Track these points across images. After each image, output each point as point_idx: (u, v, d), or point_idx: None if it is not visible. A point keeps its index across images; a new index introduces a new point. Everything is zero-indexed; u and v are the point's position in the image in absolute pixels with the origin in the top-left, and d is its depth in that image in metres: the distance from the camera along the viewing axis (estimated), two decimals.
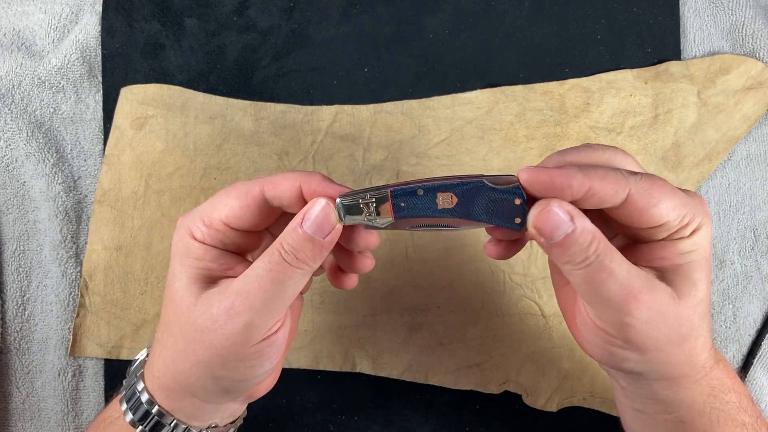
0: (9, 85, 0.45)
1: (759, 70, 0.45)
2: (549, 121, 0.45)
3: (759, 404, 0.44)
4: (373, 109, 0.45)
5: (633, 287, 0.29)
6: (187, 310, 0.31)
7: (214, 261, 0.31)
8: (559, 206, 0.28)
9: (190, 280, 0.31)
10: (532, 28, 0.46)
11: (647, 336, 0.30)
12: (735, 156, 0.46)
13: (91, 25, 0.46)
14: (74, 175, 0.46)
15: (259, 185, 0.31)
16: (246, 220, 0.31)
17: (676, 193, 0.30)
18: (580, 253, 0.29)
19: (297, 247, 0.30)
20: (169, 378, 0.32)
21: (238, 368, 0.31)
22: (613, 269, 0.29)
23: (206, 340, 0.30)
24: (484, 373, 0.44)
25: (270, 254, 0.30)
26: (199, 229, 0.31)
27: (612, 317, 0.30)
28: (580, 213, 0.29)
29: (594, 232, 0.29)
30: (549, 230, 0.28)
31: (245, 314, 0.30)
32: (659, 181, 0.30)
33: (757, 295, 0.45)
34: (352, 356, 0.45)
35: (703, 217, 0.30)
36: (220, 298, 0.30)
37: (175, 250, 0.32)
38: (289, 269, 0.30)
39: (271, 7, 0.46)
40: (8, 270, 0.45)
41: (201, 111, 0.45)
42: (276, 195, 0.31)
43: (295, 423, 0.45)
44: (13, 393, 0.45)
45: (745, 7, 0.46)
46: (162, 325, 0.33)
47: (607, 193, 0.29)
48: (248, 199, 0.31)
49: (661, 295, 0.29)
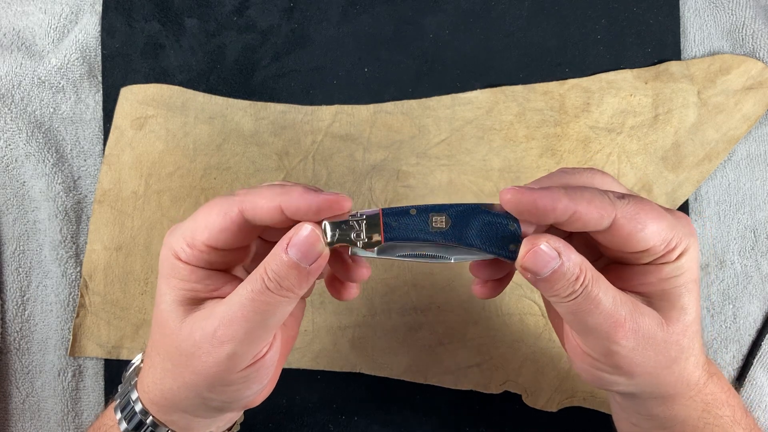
0: (9, 85, 0.45)
1: (759, 70, 0.45)
2: (549, 121, 0.45)
3: (759, 404, 0.44)
4: (373, 109, 0.45)
5: (619, 316, 0.28)
6: (171, 333, 0.30)
7: (199, 281, 0.30)
8: (546, 245, 0.28)
9: (175, 302, 0.30)
10: (532, 28, 0.46)
11: (634, 362, 0.29)
12: (735, 156, 0.46)
13: (91, 25, 0.46)
14: (74, 175, 0.46)
15: (237, 206, 0.29)
16: (228, 241, 0.30)
17: (662, 217, 0.29)
18: (567, 287, 0.28)
19: (281, 274, 0.28)
20: (158, 395, 0.31)
21: (225, 392, 0.30)
22: (599, 300, 0.28)
23: (191, 364, 0.29)
24: (484, 373, 0.44)
25: (253, 281, 0.28)
26: (183, 250, 0.30)
27: (598, 345, 0.29)
28: (567, 246, 0.28)
29: (581, 264, 0.28)
30: (536, 268, 0.28)
31: (228, 344, 0.28)
32: (646, 205, 0.29)
33: (757, 295, 0.45)
34: (352, 356, 0.45)
35: (689, 238, 0.30)
36: (203, 324, 0.29)
37: (161, 269, 0.31)
38: (273, 297, 0.28)
39: (271, 7, 0.46)
40: (8, 270, 0.45)
41: (201, 111, 0.45)
42: (256, 217, 0.29)
43: (295, 423, 0.45)
44: (13, 393, 0.45)
45: (745, 7, 0.46)
46: (151, 342, 0.32)
47: (592, 217, 0.28)
48: (227, 221, 0.29)
49: (647, 322, 0.29)
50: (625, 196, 0.29)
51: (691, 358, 0.31)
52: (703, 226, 0.46)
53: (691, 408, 0.32)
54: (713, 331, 0.45)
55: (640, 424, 0.34)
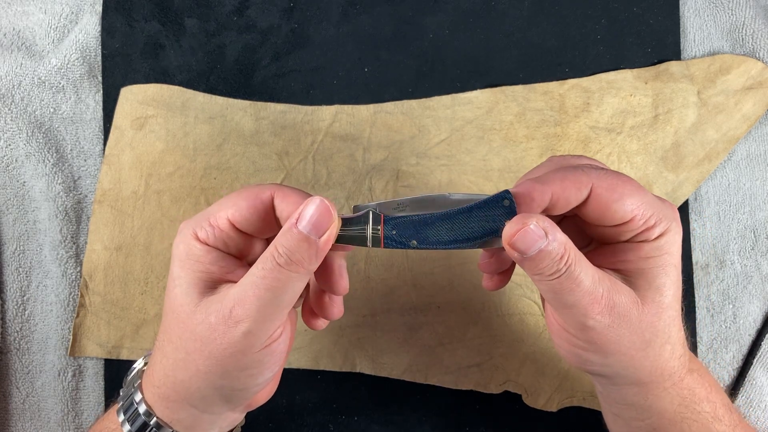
0: (9, 85, 0.45)
1: (759, 70, 0.45)
2: (549, 121, 0.45)
3: (759, 404, 0.44)
4: (373, 109, 0.45)
5: (597, 293, 0.29)
6: (186, 318, 0.30)
7: (214, 263, 0.31)
8: (535, 225, 0.29)
9: (189, 284, 0.30)
10: (532, 28, 0.46)
11: (608, 339, 0.30)
12: (735, 156, 0.46)
13: (91, 25, 0.46)
14: (74, 175, 0.46)
15: (270, 191, 0.31)
16: (251, 222, 0.31)
17: (642, 193, 0.30)
18: (552, 266, 0.29)
19: (291, 248, 0.29)
20: (169, 388, 0.32)
21: (239, 377, 0.31)
22: (580, 279, 0.29)
23: (206, 349, 0.30)
24: (484, 373, 0.44)
25: (264, 260, 0.29)
26: (204, 229, 0.31)
27: (575, 320, 0.30)
28: (553, 226, 0.29)
29: (566, 244, 0.29)
30: (524, 247, 0.29)
31: (243, 323, 0.29)
32: (625, 178, 0.30)
33: (757, 295, 0.45)
34: (352, 356, 0.45)
35: (671, 222, 0.30)
36: (219, 306, 0.29)
37: (175, 253, 0.31)
38: (283, 273, 0.29)
39: (271, 7, 0.46)
40: (8, 270, 0.45)
41: (201, 111, 0.45)
42: (284, 207, 0.30)
43: (295, 423, 0.45)
44: (13, 393, 0.45)
45: (745, 7, 0.46)
46: (162, 333, 0.32)
47: (570, 193, 0.30)
48: (257, 201, 0.30)
49: (623, 299, 0.30)
50: (604, 169, 0.30)
51: (667, 345, 0.31)
52: (703, 226, 0.46)
53: (667, 400, 0.32)
54: (713, 331, 0.45)
55: (621, 413, 0.35)
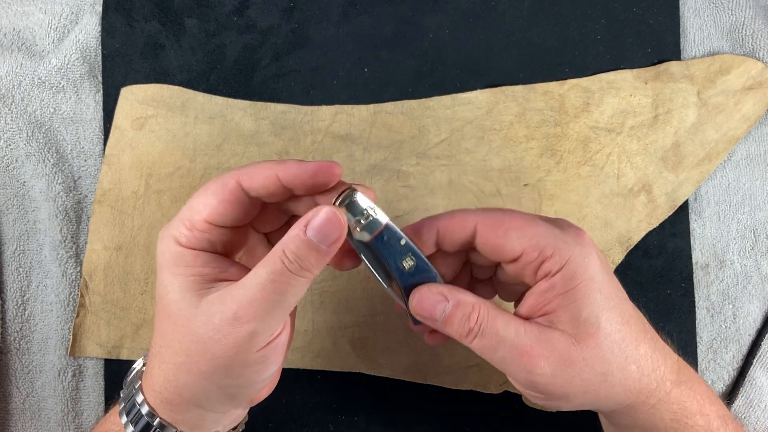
0: (9, 85, 0.45)
1: (759, 70, 0.45)
2: (549, 121, 0.45)
3: (759, 404, 0.44)
4: (373, 109, 0.45)
5: (525, 346, 0.29)
6: (186, 322, 0.30)
7: (205, 265, 0.31)
8: (428, 289, 0.30)
9: (184, 289, 0.30)
10: (532, 28, 0.46)
11: (560, 386, 0.30)
12: (735, 156, 0.46)
13: (91, 25, 0.46)
14: (74, 175, 0.46)
15: (234, 177, 0.30)
16: (228, 215, 0.30)
17: (530, 225, 0.30)
18: (464, 326, 0.30)
19: (301, 255, 0.29)
20: (171, 392, 0.31)
21: (243, 374, 0.31)
22: (500, 335, 0.29)
23: (209, 350, 0.29)
24: (484, 373, 0.44)
25: (272, 262, 0.29)
26: (183, 234, 0.30)
27: (520, 377, 0.30)
28: (455, 289, 0.30)
29: (473, 303, 0.30)
30: (428, 313, 0.30)
31: (249, 323, 0.29)
32: (513, 214, 0.30)
33: (757, 295, 0.45)
34: (352, 356, 0.45)
35: (574, 248, 0.29)
36: (221, 307, 0.29)
37: (162, 261, 0.31)
38: (292, 278, 0.29)
39: (271, 7, 0.46)
40: (8, 270, 0.45)
41: (201, 111, 0.45)
42: (253, 186, 0.30)
43: (295, 423, 0.45)
44: (13, 393, 0.45)
45: (745, 7, 0.46)
46: (159, 339, 0.31)
47: (454, 229, 0.31)
48: (225, 193, 0.30)
49: (556, 345, 0.29)
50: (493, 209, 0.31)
51: (630, 366, 0.30)
52: (703, 226, 0.46)
53: (657, 417, 0.32)
54: (713, 331, 0.45)
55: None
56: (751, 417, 0.44)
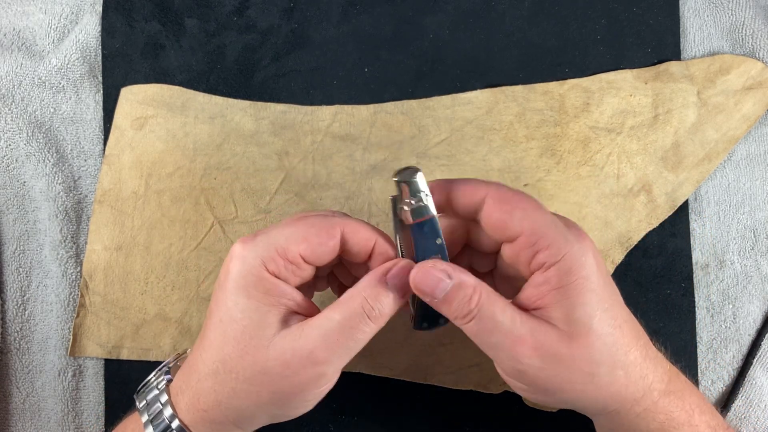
0: (9, 85, 0.45)
1: (759, 70, 0.45)
2: (549, 121, 0.45)
3: (759, 404, 0.44)
4: (373, 109, 0.45)
5: (518, 334, 0.29)
6: (256, 352, 0.30)
7: (283, 296, 0.31)
8: (433, 265, 0.30)
9: (262, 319, 0.30)
10: (532, 28, 0.46)
11: (545, 380, 0.30)
12: (735, 156, 0.46)
13: (91, 25, 0.46)
14: (74, 175, 0.46)
15: (340, 227, 0.31)
16: (322, 258, 0.31)
17: (538, 213, 0.30)
18: (462, 307, 0.30)
19: (380, 301, 0.30)
20: (220, 413, 0.31)
21: (298, 407, 0.32)
22: (497, 319, 0.29)
23: (275, 384, 0.30)
24: (484, 373, 0.44)
25: (351, 307, 0.30)
26: (273, 260, 0.30)
27: (508, 365, 0.30)
28: (458, 269, 0.30)
29: (475, 285, 0.30)
30: (430, 289, 0.30)
31: (322, 366, 0.30)
32: (522, 196, 0.31)
33: (757, 295, 0.45)
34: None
35: (574, 245, 0.29)
36: (296, 346, 0.30)
37: (241, 282, 0.30)
38: (367, 324, 0.30)
39: (271, 7, 0.46)
40: (8, 270, 0.45)
41: (201, 111, 0.45)
42: (353, 242, 0.31)
43: (295, 423, 0.45)
44: (13, 393, 0.45)
45: (745, 7, 0.46)
46: (217, 361, 0.31)
47: (466, 195, 0.31)
48: (329, 237, 0.31)
49: (547, 338, 0.29)
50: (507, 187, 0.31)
51: (618, 371, 0.30)
52: (703, 226, 0.46)
53: (643, 426, 0.32)
54: (713, 331, 0.45)
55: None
56: (751, 417, 0.44)
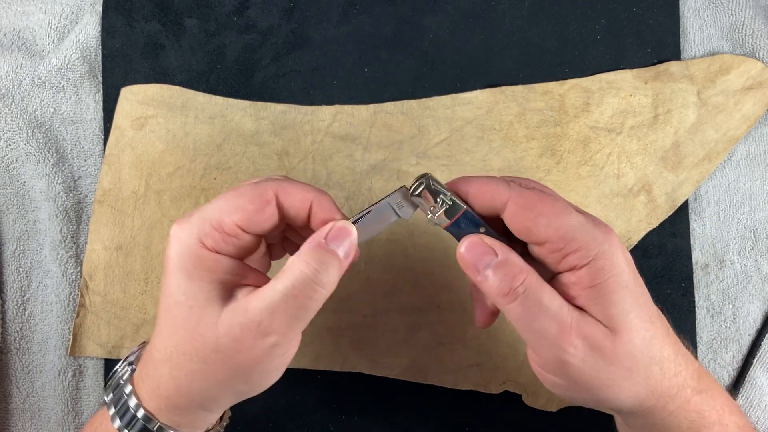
0: (9, 85, 0.45)
1: (759, 70, 0.45)
2: (549, 121, 0.45)
3: (759, 404, 0.44)
4: (373, 109, 0.45)
5: (565, 321, 0.29)
6: (205, 331, 0.29)
7: (227, 272, 0.30)
8: (480, 239, 0.30)
9: (206, 297, 0.30)
10: (532, 28, 0.46)
11: (587, 375, 0.29)
12: (735, 156, 0.46)
13: (91, 25, 0.46)
14: (74, 175, 0.46)
15: (272, 189, 0.30)
16: (260, 224, 0.30)
17: (563, 213, 0.29)
18: (508, 282, 0.29)
19: (323, 265, 0.29)
20: (182, 397, 0.31)
21: (259, 381, 0.31)
22: (544, 302, 0.29)
23: (230, 360, 0.30)
24: (484, 373, 0.44)
25: (292, 274, 0.29)
26: (209, 235, 0.30)
27: (550, 356, 0.30)
28: (506, 247, 0.30)
29: (521, 265, 0.29)
30: (474, 261, 0.30)
31: (272, 336, 0.29)
32: (548, 199, 0.30)
33: (757, 295, 0.45)
34: (352, 356, 0.45)
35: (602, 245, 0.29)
36: (244, 319, 0.29)
37: (179, 264, 0.30)
38: (314, 290, 0.29)
39: (271, 7, 0.46)
40: (8, 270, 0.45)
41: (201, 111, 0.45)
42: (288, 203, 0.31)
43: (295, 423, 0.45)
44: (13, 393, 0.45)
45: (745, 7, 0.46)
46: (169, 346, 0.31)
47: (485, 198, 0.30)
48: (262, 202, 0.30)
49: (594, 330, 0.29)
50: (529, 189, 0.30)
51: (653, 367, 0.30)
52: (703, 226, 0.46)
53: (675, 424, 0.31)
54: (713, 331, 0.45)
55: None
56: (751, 417, 0.44)
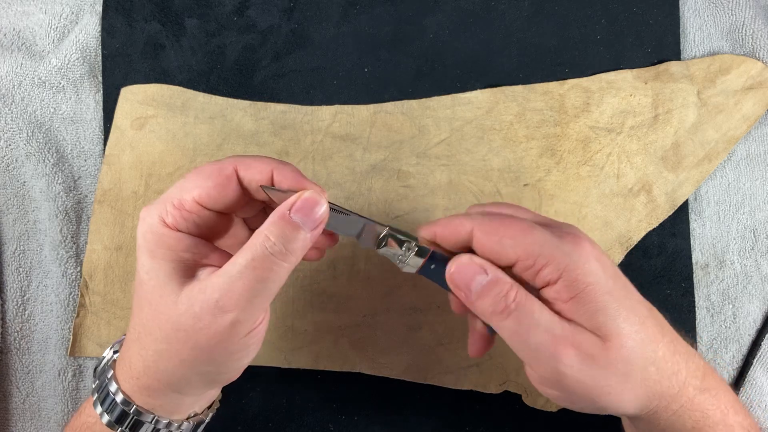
0: (9, 85, 0.45)
1: (759, 70, 0.45)
2: (549, 121, 0.45)
3: (759, 404, 0.44)
4: (373, 109, 0.45)
5: (557, 332, 0.29)
6: (167, 309, 0.29)
7: (188, 250, 0.30)
8: (469, 259, 0.30)
9: (165, 275, 0.30)
10: (532, 28, 0.46)
11: (585, 384, 0.30)
12: (735, 156, 0.46)
13: (91, 25, 0.46)
14: (74, 175, 0.46)
15: (231, 164, 0.30)
16: (220, 199, 0.30)
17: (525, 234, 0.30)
18: (500, 300, 0.29)
19: (286, 237, 0.29)
20: (151, 378, 0.31)
21: (224, 363, 0.31)
22: (536, 317, 0.29)
23: (191, 339, 0.29)
24: (484, 373, 0.44)
25: (253, 247, 0.29)
26: (170, 212, 0.30)
27: (547, 369, 0.30)
28: (494, 266, 0.30)
29: (511, 283, 0.30)
30: (465, 283, 0.30)
31: (231, 313, 0.28)
32: (509, 222, 0.30)
33: (757, 295, 0.45)
34: (352, 356, 0.45)
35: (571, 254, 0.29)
36: (203, 296, 0.29)
37: (142, 244, 0.30)
38: (274, 263, 0.29)
39: (271, 7, 0.46)
40: (8, 270, 0.45)
41: (201, 111, 0.45)
42: (248, 177, 0.30)
43: (295, 423, 0.45)
44: (13, 393, 0.45)
45: (745, 7, 0.46)
46: (139, 326, 0.31)
47: (452, 235, 0.31)
48: (221, 177, 0.30)
49: (584, 339, 0.29)
50: (491, 215, 0.31)
51: (650, 368, 0.30)
52: (703, 226, 0.46)
53: (679, 424, 0.31)
54: (713, 331, 0.45)
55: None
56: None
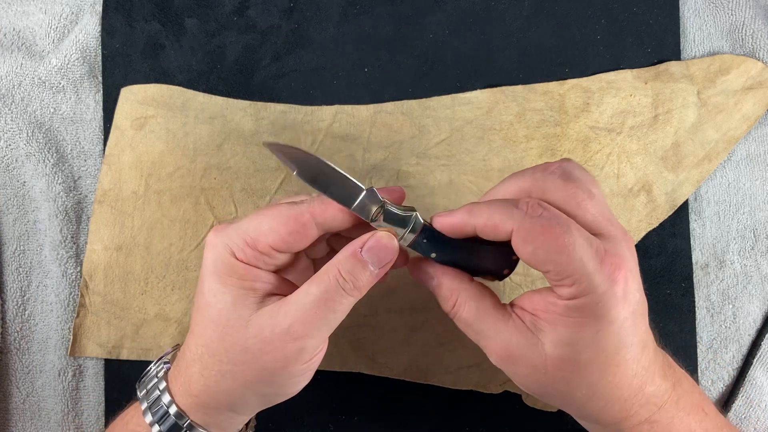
0: (9, 85, 0.45)
1: (759, 70, 0.45)
2: (549, 121, 0.45)
3: (759, 404, 0.44)
4: (373, 109, 0.45)
5: (497, 344, 0.32)
6: (235, 333, 0.31)
7: (257, 280, 0.32)
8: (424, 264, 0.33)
9: (235, 301, 0.31)
10: (532, 28, 0.46)
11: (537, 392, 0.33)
12: (735, 156, 0.46)
13: (91, 25, 0.46)
14: (74, 175, 0.46)
15: (309, 211, 0.31)
16: (293, 245, 0.31)
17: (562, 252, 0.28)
18: (444, 305, 0.33)
19: (355, 274, 0.30)
20: (210, 397, 0.32)
21: (286, 385, 0.32)
22: (471, 325, 0.32)
23: (258, 362, 0.31)
24: (484, 373, 0.44)
25: (325, 281, 0.30)
26: (242, 249, 0.31)
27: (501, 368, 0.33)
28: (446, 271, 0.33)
29: (453, 289, 0.32)
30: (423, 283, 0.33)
31: (301, 340, 0.30)
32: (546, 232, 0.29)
33: (757, 295, 0.45)
34: (352, 356, 0.45)
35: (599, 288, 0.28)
36: (273, 322, 0.30)
37: (212, 269, 0.31)
38: (343, 296, 0.30)
39: (271, 7, 0.46)
40: (8, 270, 0.45)
41: (201, 111, 0.45)
42: (325, 219, 0.31)
43: (295, 423, 0.45)
44: (13, 393, 0.45)
45: (745, 7, 0.46)
46: (200, 345, 0.32)
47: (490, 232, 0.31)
48: (298, 225, 0.31)
49: (529, 354, 0.31)
50: (539, 215, 0.29)
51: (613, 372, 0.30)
52: (703, 226, 0.46)
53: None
54: (713, 331, 0.45)
55: None
56: (752, 417, 0.44)
